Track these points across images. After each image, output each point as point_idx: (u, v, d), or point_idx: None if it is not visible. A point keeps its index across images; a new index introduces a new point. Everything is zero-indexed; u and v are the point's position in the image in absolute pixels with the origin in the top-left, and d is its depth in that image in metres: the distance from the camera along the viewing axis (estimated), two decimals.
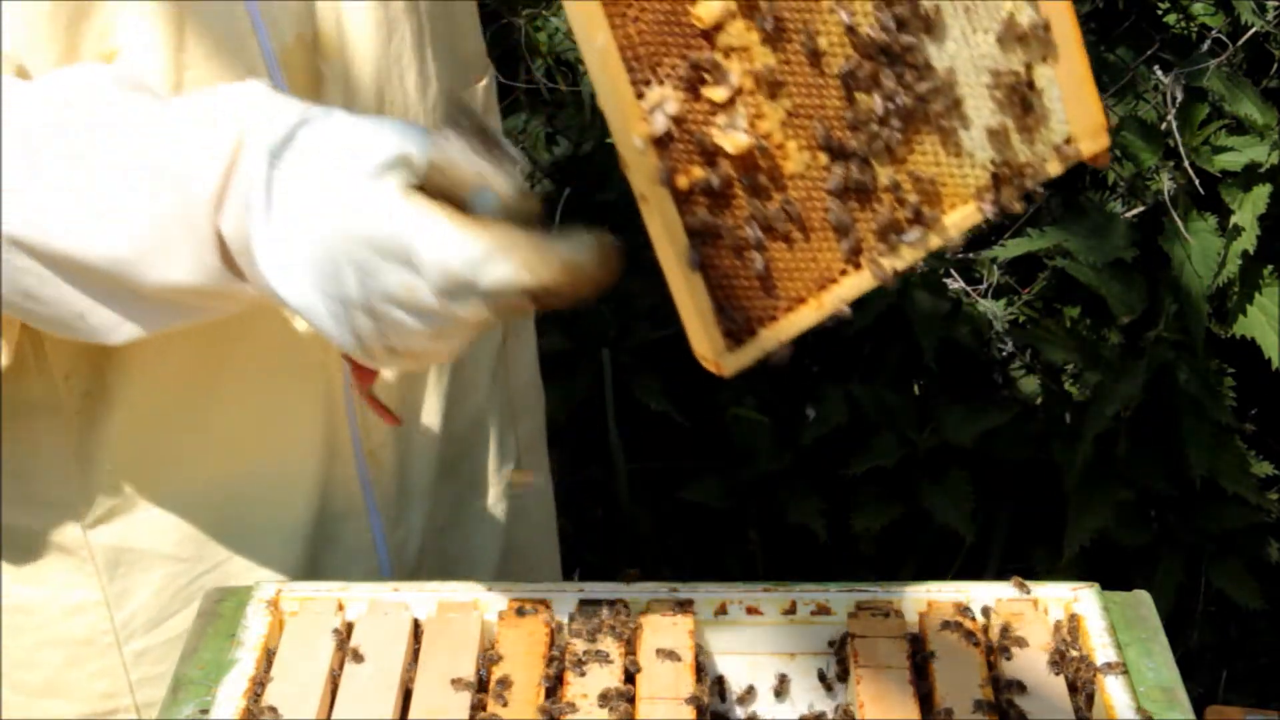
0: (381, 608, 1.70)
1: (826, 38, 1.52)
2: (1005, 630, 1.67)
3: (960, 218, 1.58)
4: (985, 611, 1.70)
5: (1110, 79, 3.12)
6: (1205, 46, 3.18)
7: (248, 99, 1.51)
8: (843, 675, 1.66)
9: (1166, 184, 3.14)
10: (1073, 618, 1.69)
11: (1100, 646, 1.64)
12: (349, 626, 1.69)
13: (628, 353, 3.29)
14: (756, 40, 1.50)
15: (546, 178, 3.28)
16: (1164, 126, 3.14)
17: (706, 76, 1.48)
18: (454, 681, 1.61)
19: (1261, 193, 3.12)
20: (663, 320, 3.31)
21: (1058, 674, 1.62)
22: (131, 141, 1.50)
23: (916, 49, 1.54)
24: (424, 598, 1.72)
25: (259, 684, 1.61)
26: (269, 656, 1.65)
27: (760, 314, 1.52)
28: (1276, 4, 3.15)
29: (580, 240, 1.43)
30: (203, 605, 1.76)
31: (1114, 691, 1.60)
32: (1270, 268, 3.17)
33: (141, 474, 1.77)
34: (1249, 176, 3.13)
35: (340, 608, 1.70)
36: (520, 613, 1.69)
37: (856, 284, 1.55)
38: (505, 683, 1.61)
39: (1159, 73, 3.13)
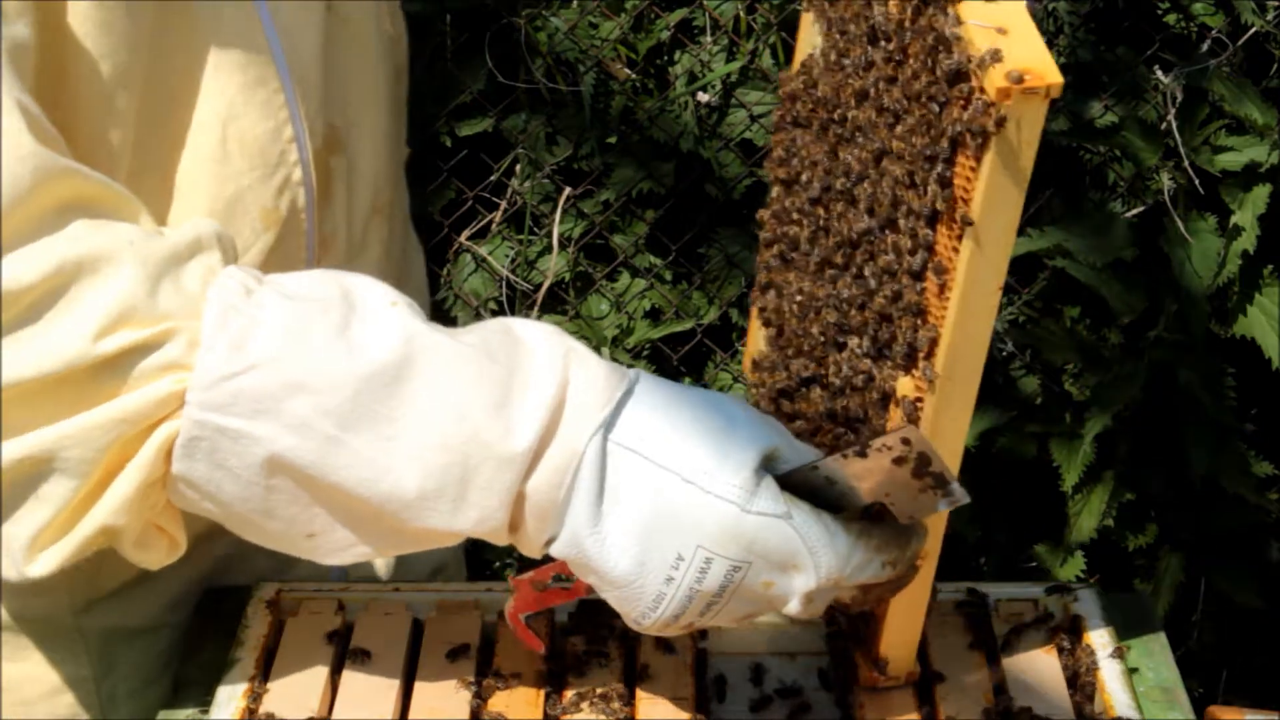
0: (381, 608, 1.70)
1: None
2: (1005, 630, 1.67)
3: None
4: (986, 611, 1.70)
5: (1110, 79, 3.12)
6: (1205, 46, 3.18)
7: (557, 351, 1.47)
8: (843, 675, 1.66)
9: (1166, 184, 3.13)
10: (1073, 618, 1.69)
11: (1100, 646, 1.64)
12: (349, 626, 1.69)
13: (628, 353, 3.29)
14: None
15: (546, 178, 3.28)
16: (1164, 126, 3.13)
17: None
18: (454, 681, 1.61)
19: (1261, 193, 3.12)
20: (663, 320, 3.31)
21: (1058, 673, 1.63)
22: (438, 388, 1.44)
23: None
24: (424, 598, 1.72)
25: (259, 684, 1.61)
26: (269, 656, 1.65)
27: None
28: (1276, 4, 3.15)
29: (922, 527, 1.49)
30: (202, 605, 1.76)
31: (1114, 691, 1.60)
32: (1270, 268, 3.17)
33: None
34: (1249, 176, 3.13)
35: (340, 608, 1.70)
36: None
37: None
38: (505, 683, 1.61)
39: (1159, 73, 3.13)
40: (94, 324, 1.39)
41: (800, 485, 1.48)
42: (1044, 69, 1.37)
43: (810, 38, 1.66)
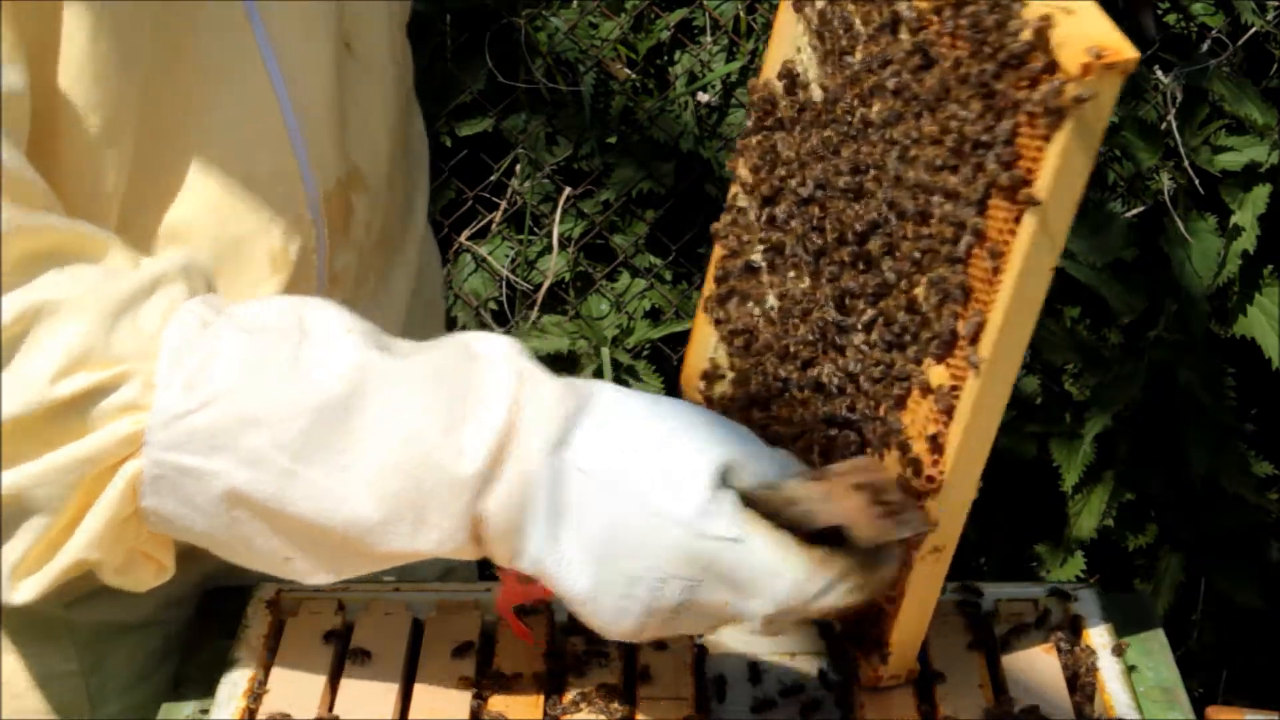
0: (381, 608, 1.70)
1: None
2: (1005, 630, 1.67)
3: None
4: (986, 611, 1.70)
5: None
6: (1205, 46, 3.18)
7: (510, 370, 1.47)
8: (843, 675, 1.66)
9: (1166, 184, 3.14)
10: (1073, 618, 1.69)
11: (1100, 646, 1.64)
12: (349, 626, 1.69)
13: (628, 353, 3.29)
14: None
15: (546, 178, 3.28)
16: (1164, 126, 3.14)
17: None
18: (454, 681, 1.62)
19: (1261, 193, 3.12)
20: (663, 320, 3.31)
21: (1058, 673, 1.63)
22: (390, 415, 1.45)
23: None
24: (424, 598, 1.72)
25: (259, 684, 1.61)
26: (269, 656, 1.65)
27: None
28: (1276, 4, 3.15)
29: (891, 553, 1.47)
30: (202, 605, 1.76)
31: (1114, 691, 1.60)
32: (1270, 268, 3.17)
33: None
34: (1249, 176, 3.13)
35: (340, 608, 1.70)
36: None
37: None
38: (505, 683, 1.61)
39: (1159, 73, 3.13)
40: (51, 367, 1.42)
41: (763, 504, 1.46)
42: (1119, 44, 1.37)
43: (790, 39, 1.65)
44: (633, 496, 1.43)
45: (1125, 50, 1.37)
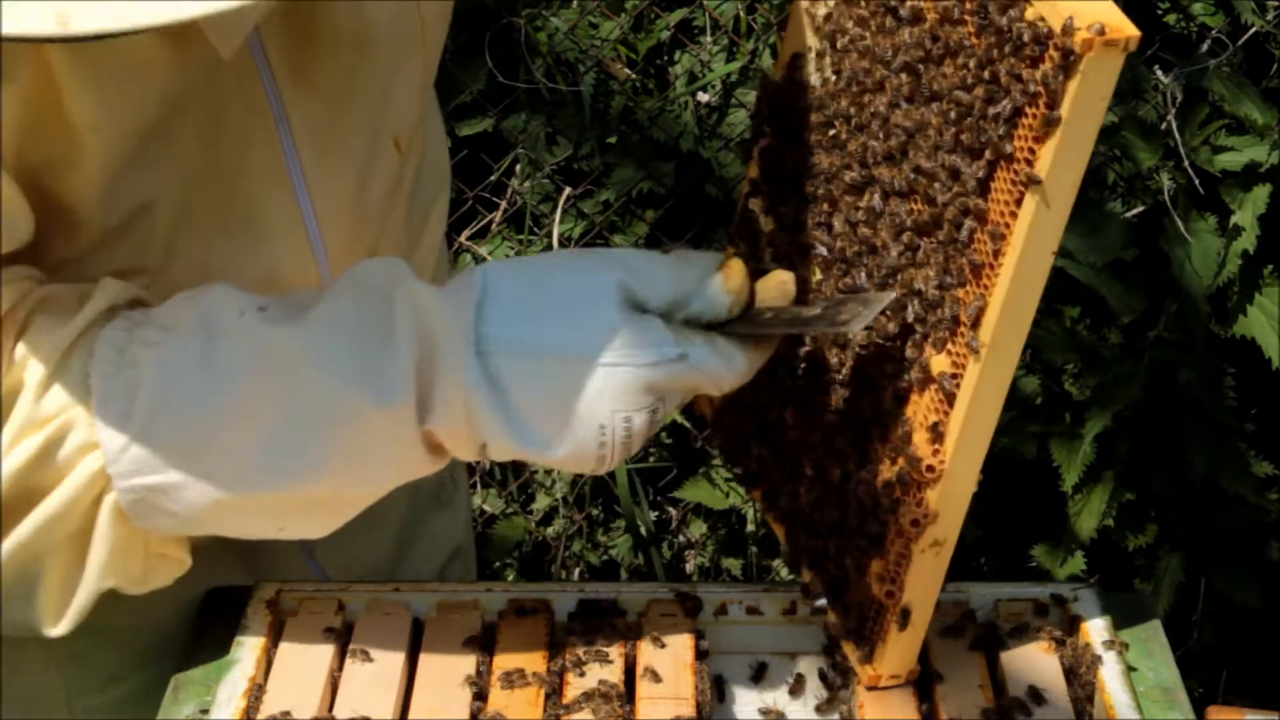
0: (381, 608, 1.70)
1: None
2: (1005, 630, 1.67)
3: None
4: (986, 612, 1.70)
5: None
6: (1205, 46, 3.18)
7: (400, 295, 1.51)
8: (844, 675, 1.66)
9: (1166, 184, 3.14)
10: (1073, 618, 1.69)
11: (1100, 646, 1.64)
12: (349, 626, 1.69)
13: None
14: None
15: (546, 178, 3.28)
16: (1164, 126, 3.14)
17: None
18: (454, 681, 1.62)
19: (1261, 193, 3.12)
20: None
21: (1058, 674, 1.63)
22: (307, 382, 1.50)
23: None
24: (424, 598, 1.72)
25: (259, 684, 1.61)
26: (269, 656, 1.65)
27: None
28: (1276, 4, 3.15)
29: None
30: (202, 605, 1.76)
31: (1114, 691, 1.60)
32: (1270, 268, 3.17)
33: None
34: (1249, 176, 3.13)
35: (340, 607, 1.70)
36: (520, 613, 1.69)
37: None
38: (505, 683, 1.61)
39: (1159, 73, 3.13)
40: (6, 439, 1.50)
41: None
42: (1121, 23, 1.38)
43: (800, 38, 1.66)
44: (566, 359, 1.49)
45: (1127, 28, 1.37)
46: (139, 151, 1.56)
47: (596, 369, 1.49)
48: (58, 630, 1.56)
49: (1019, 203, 1.43)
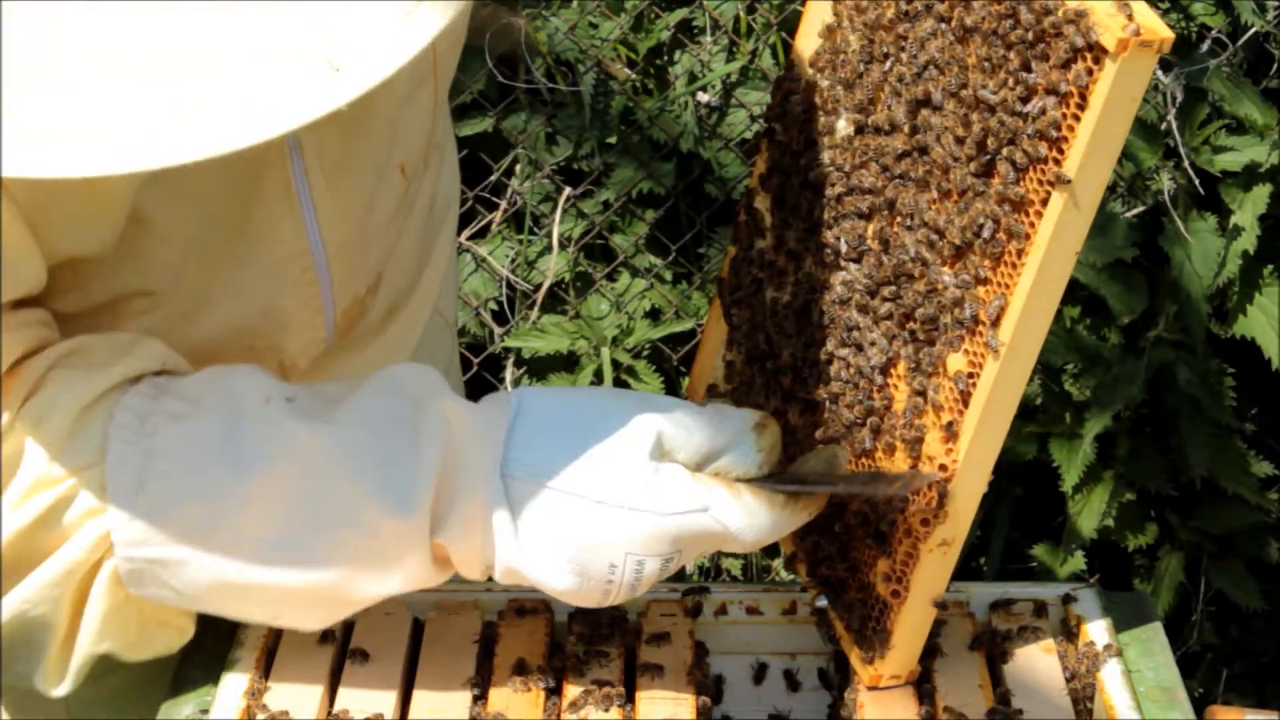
0: (381, 608, 1.70)
1: None
2: (1005, 630, 1.67)
3: None
4: (986, 612, 1.70)
5: None
6: (1205, 46, 3.18)
7: (431, 407, 1.51)
8: (844, 675, 1.66)
9: (1166, 184, 3.14)
10: (1073, 618, 1.69)
11: (1100, 646, 1.64)
12: (348, 626, 1.69)
13: (628, 353, 3.29)
14: None
15: (546, 178, 3.28)
16: (1164, 126, 3.14)
17: None
18: (454, 681, 1.61)
19: (1261, 193, 3.12)
20: (662, 320, 3.31)
21: (1058, 674, 1.62)
22: (328, 478, 1.50)
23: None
24: (424, 598, 1.72)
25: (259, 684, 1.61)
26: (269, 656, 1.65)
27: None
28: (1276, 4, 3.15)
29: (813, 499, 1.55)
30: None
31: (1114, 691, 1.60)
32: (1270, 268, 3.17)
33: None
34: (1249, 176, 3.13)
35: None
36: (520, 613, 1.69)
37: None
38: (506, 683, 1.61)
39: (1159, 73, 3.13)
40: (14, 495, 1.49)
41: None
42: (1156, 25, 1.38)
43: (810, 40, 1.66)
44: (588, 499, 1.48)
45: (1161, 30, 1.37)
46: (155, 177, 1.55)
47: (618, 511, 1.48)
48: (60, 690, 1.57)
49: (1044, 202, 1.42)
